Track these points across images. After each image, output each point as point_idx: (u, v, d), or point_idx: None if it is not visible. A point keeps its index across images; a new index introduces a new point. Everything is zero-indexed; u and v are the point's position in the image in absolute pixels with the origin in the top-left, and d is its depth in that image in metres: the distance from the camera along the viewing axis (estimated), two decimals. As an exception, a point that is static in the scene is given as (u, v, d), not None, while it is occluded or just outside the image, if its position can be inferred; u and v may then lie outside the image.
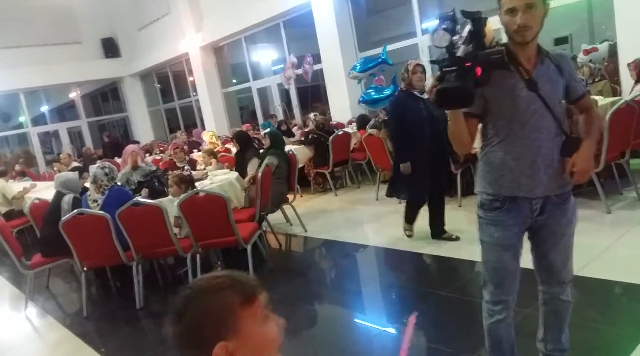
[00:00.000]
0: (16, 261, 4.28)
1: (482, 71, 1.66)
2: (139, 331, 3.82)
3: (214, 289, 0.96)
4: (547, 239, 1.97)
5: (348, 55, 9.13)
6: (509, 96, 1.84)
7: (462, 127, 1.86)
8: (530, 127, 1.84)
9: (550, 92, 1.83)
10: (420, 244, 4.27)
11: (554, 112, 1.84)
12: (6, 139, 16.37)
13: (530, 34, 1.76)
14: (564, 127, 1.88)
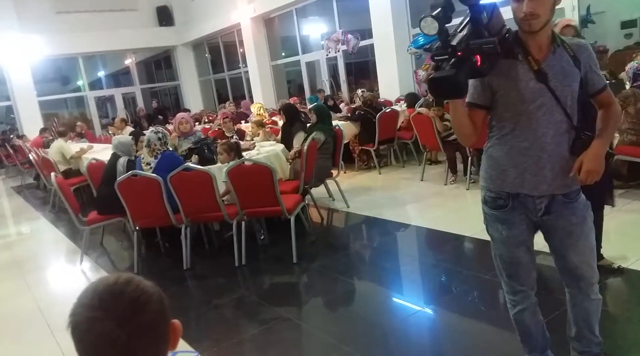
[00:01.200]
0: (74, 217, 4.55)
1: (482, 61, 1.61)
2: (185, 291, 4.00)
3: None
4: (563, 240, 1.88)
5: (400, 30, 8.94)
6: (516, 87, 1.75)
7: (461, 117, 1.81)
8: (537, 121, 1.75)
9: (562, 85, 1.74)
10: (464, 227, 4.22)
11: (565, 106, 1.74)
12: (65, 101, 17.14)
13: (537, 23, 1.68)
14: (576, 122, 1.77)
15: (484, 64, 1.63)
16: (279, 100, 11.16)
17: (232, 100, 13.15)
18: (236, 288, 3.88)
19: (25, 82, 13.28)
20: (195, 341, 2.95)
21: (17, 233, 6.55)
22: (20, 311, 3.85)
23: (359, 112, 7.06)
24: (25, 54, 13.11)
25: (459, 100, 1.77)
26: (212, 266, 4.34)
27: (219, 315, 3.44)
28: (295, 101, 9.43)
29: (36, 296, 4.12)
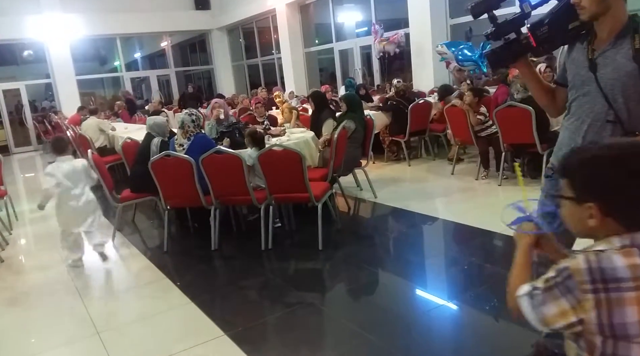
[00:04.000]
0: (108, 193, 4.68)
1: (537, 44, 1.84)
2: (212, 270, 4.09)
3: None
4: None
5: (438, 21, 8.79)
6: (573, 72, 1.89)
7: (534, 90, 2.04)
8: (582, 108, 1.86)
9: (611, 77, 1.76)
10: (493, 223, 4.16)
11: (608, 98, 1.77)
12: (102, 81, 17.55)
13: (585, 13, 1.74)
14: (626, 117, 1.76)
15: (538, 46, 1.85)
16: (311, 87, 11.15)
17: (264, 86, 13.22)
18: (262, 270, 3.94)
19: (64, 61, 13.65)
20: (219, 321, 3.02)
21: (53, 207, 6.76)
22: (54, 281, 4.01)
23: (391, 103, 6.99)
24: (66, 33, 13.46)
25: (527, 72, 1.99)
26: (239, 248, 4.41)
27: (244, 296, 3.50)
28: (327, 88, 9.40)
29: (69, 268, 4.27)
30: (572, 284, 1.00)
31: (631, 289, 0.96)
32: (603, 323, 0.99)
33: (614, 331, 0.99)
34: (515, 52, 1.90)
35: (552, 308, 1.03)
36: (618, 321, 0.98)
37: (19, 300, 3.78)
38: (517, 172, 1.39)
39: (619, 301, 0.97)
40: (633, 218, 1.02)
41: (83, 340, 3.01)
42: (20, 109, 14.27)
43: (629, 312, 0.97)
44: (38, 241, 5.33)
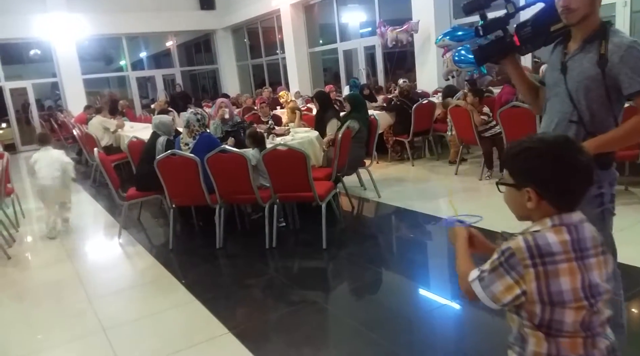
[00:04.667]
0: (114, 191, 4.73)
1: (521, 43, 1.94)
2: (216, 269, 4.12)
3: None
4: None
5: (442, 20, 8.79)
6: (549, 73, 1.99)
7: (519, 85, 2.14)
8: (552, 108, 1.95)
9: (576, 81, 1.84)
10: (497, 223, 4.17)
11: (574, 100, 1.85)
12: (107, 80, 17.61)
13: (574, 16, 1.78)
14: (588, 118, 1.83)
15: (522, 45, 1.95)
16: (315, 87, 11.17)
17: (268, 85, 13.25)
18: (266, 269, 3.96)
19: (71, 60, 13.72)
20: (224, 318, 3.05)
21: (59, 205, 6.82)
22: (60, 278, 4.06)
23: (395, 103, 7.01)
24: (72, 33, 13.53)
25: (513, 69, 2.07)
26: (244, 247, 4.44)
27: (248, 294, 3.54)
28: (331, 88, 9.43)
29: (75, 265, 4.32)
30: (514, 262, 1.14)
31: (564, 261, 1.12)
32: (542, 292, 1.13)
33: (552, 298, 1.13)
34: (500, 50, 2.01)
35: (499, 286, 1.16)
36: (554, 289, 1.12)
37: (26, 297, 3.83)
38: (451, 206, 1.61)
39: (554, 272, 1.12)
40: (562, 200, 1.17)
41: (89, 337, 3.04)
42: (27, 107, 14.35)
43: (563, 281, 1.12)
44: (44, 239, 5.37)
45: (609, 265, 1.20)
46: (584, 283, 1.13)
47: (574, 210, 1.20)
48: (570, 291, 1.12)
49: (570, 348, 1.15)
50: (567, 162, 1.15)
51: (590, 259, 1.16)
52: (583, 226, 1.18)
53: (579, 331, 1.15)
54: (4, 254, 4.61)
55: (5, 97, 13.68)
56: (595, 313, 1.16)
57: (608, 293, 1.18)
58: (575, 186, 1.18)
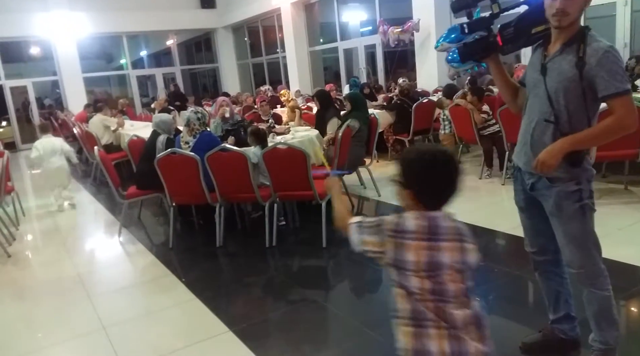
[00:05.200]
0: (114, 190, 4.73)
1: (503, 43, 2.01)
2: (217, 267, 4.12)
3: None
4: (550, 219, 2.08)
5: (442, 19, 8.79)
6: (529, 74, 2.06)
7: (499, 84, 2.20)
8: (532, 107, 2.01)
9: (555, 82, 1.90)
10: (497, 222, 4.18)
11: (552, 101, 1.92)
12: (108, 79, 17.62)
13: (566, 20, 1.84)
14: (565, 118, 1.91)
15: (505, 46, 2.03)
16: (315, 86, 11.16)
17: (269, 84, 13.25)
18: (266, 268, 3.97)
19: (71, 58, 13.73)
20: (224, 317, 3.06)
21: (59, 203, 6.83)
22: (60, 276, 4.06)
23: (395, 101, 7.00)
24: (73, 31, 13.53)
25: (495, 68, 2.13)
26: (244, 246, 4.45)
27: (249, 293, 3.54)
28: (332, 87, 9.43)
29: (76, 263, 4.33)
30: (383, 229, 1.44)
31: (412, 239, 1.41)
32: (393, 258, 1.42)
33: (398, 264, 1.42)
34: (483, 48, 2.09)
35: (369, 237, 1.47)
36: (400, 257, 1.41)
37: (26, 295, 3.84)
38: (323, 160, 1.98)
39: (402, 245, 1.41)
40: (431, 203, 1.45)
41: (89, 335, 3.04)
42: (27, 106, 14.36)
43: (408, 253, 1.41)
44: (44, 237, 5.38)
45: (466, 253, 1.45)
46: (427, 259, 1.40)
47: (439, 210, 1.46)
48: (411, 262, 1.40)
49: (425, 307, 1.40)
50: (436, 175, 1.42)
51: (441, 243, 1.41)
52: (440, 219, 1.44)
53: (428, 296, 1.40)
54: (4, 253, 4.61)
55: (5, 96, 13.68)
56: (441, 283, 1.40)
57: (452, 269, 1.41)
58: (438, 191, 1.44)
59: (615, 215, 4.01)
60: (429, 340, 1.38)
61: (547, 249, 2.18)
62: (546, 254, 2.21)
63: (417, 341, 1.39)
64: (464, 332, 1.39)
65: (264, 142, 4.33)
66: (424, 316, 1.39)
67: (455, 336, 1.38)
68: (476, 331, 1.41)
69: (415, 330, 1.40)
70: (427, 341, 1.38)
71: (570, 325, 2.30)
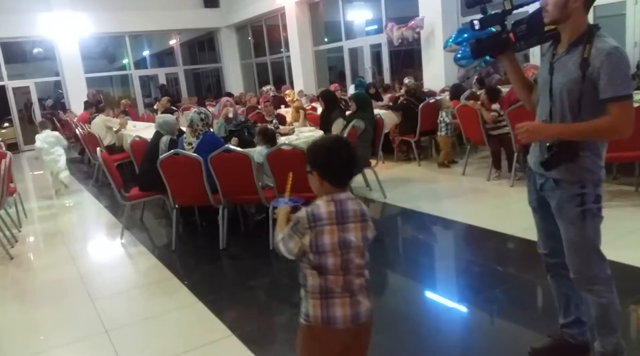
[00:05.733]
0: (117, 191, 4.67)
1: (515, 39, 2.01)
2: (220, 270, 4.06)
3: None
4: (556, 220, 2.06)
5: (449, 18, 8.72)
6: (540, 73, 2.05)
7: (514, 82, 2.17)
8: (541, 105, 2.01)
9: (560, 83, 1.89)
10: (505, 224, 4.10)
11: (553, 101, 1.92)
12: (110, 79, 17.60)
13: (547, 17, 1.87)
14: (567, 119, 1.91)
15: (517, 42, 2.01)
16: (320, 86, 11.10)
17: (272, 84, 13.19)
18: (269, 270, 3.90)
19: (73, 59, 13.71)
20: (227, 320, 3.00)
21: (61, 205, 6.79)
22: (62, 279, 4.01)
23: (402, 102, 6.92)
24: (75, 31, 13.51)
25: (509, 65, 2.10)
26: (247, 248, 4.38)
27: (252, 296, 3.47)
28: (337, 87, 9.35)
29: (78, 265, 4.27)
30: (299, 226, 1.64)
31: (327, 225, 1.64)
32: (313, 244, 1.64)
33: (318, 249, 1.64)
34: (496, 45, 2.07)
35: (291, 242, 1.66)
36: (320, 242, 1.64)
37: (28, 297, 3.79)
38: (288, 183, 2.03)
39: (321, 231, 1.64)
40: (334, 181, 1.67)
41: (91, 338, 2.99)
42: (30, 106, 14.34)
43: (325, 237, 1.64)
44: (47, 239, 5.33)
45: (367, 230, 1.70)
46: (339, 239, 1.65)
47: (344, 190, 1.69)
48: (329, 244, 1.64)
49: (334, 282, 1.66)
50: (335, 155, 1.67)
51: (348, 225, 1.67)
52: (347, 202, 1.68)
53: (339, 271, 1.66)
54: (6, 254, 4.56)
55: (8, 96, 13.67)
56: (348, 259, 1.67)
57: (358, 247, 1.68)
58: (341, 171, 1.68)
59: (625, 218, 3.93)
60: (335, 307, 1.67)
61: (559, 251, 2.12)
62: (557, 257, 2.15)
63: (325, 309, 1.67)
64: (360, 296, 1.69)
65: (272, 141, 4.27)
66: (332, 290, 1.66)
67: (355, 301, 1.68)
68: (366, 292, 1.72)
69: (323, 301, 1.67)
70: (333, 309, 1.67)
71: (580, 330, 2.24)
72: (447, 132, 6.30)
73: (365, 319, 1.70)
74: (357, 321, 1.68)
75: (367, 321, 1.71)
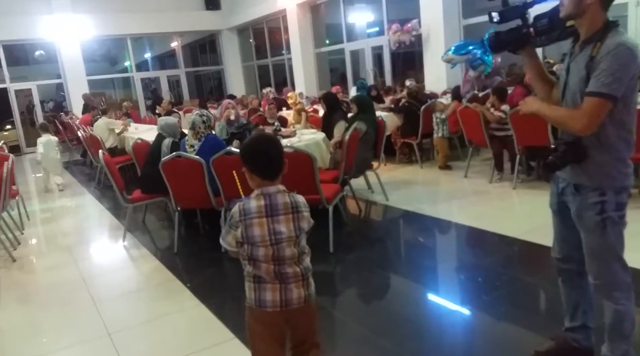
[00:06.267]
0: (119, 194, 4.66)
1: (536, 34, 1.93)
2: (222, 272, 4.06)
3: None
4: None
5: (451, 20, 8.72)
6: (562, 72, 1.99)
7: (534, 78, 2.10)
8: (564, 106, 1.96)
9: (573, 83, 1.87)
10: (508, 227, 4.09)
11: (566, 101, 1.91)
12: (112, 81, 17.63)
13: (562, 10, 1.83)
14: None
15: (538, 37, 1.94)
16: (321, 88, 11.09)
17: (274, 87, 13.19)
18: (272, 273, 3.89)
19: (75, 61, 13.73)
20: (230, 323, 2.99)
21: (64, 207, 6.80)
22: (65, 281, 4.01)
23: (403, 104, 6.93)
24: (77, 34, 13.53)
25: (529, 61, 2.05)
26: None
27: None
28: (338, 89, 9.36)
29: (80, 268, 4.27)
30: (233, 220, 1.81)
31: (255, 218, 1.79)
32: (244, 236, 1.79)
33: (249, 240, 1.79)
34: (516, 39, 1.99)
35: (229, 236, 1.83)
36: (250, 234, 1.79)
37: (31, 299, 3.79)
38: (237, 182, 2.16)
39: (250, 224, 1.79)
40: (261, 173, 1.82)
41: (94, 341, 2.99)
42: (32, 109, 14.35)
43: (255, 229, 1.78)
44: (49, 241, 5.34)
45: (300, 221, 1.83)
46: (269, 231, 1.78)
47: (274, 183, 1.83)
48: (259, 236, 1.78)
49: (265, 271, 1.82)
50: (257, 150, 1.85)
51: (279, 217, 1.80)
52: (276, 195, 1.82)
53: (270, 261, 1.81)
54: (8, 257, 4.56)
55: (10, 99, 13.69)
56: (280, 249, 1.80)
57: (290, 238, 1.81)
58: (264, 164, 1.83)
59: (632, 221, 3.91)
60: (266, 292, 1.83)
61: (572, 257, 2.10)
62: (570, 263, 2.13)
63: (257, 293, 1.84)
64: (293, 284, 1.84)
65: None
66: (264, 277, 1.82)
67: (285, 288, 1.83)
68: (302, 281, 1.86)
69: (256, 285, 1.85)
70: (264, 293, 1.83)
71: (584, 335, 2.23)
72: (443, 133, 6.30)
73: (297, 305, 1.85)
74: (287, 306, 1.84)
75: (300, 306, 1.85)
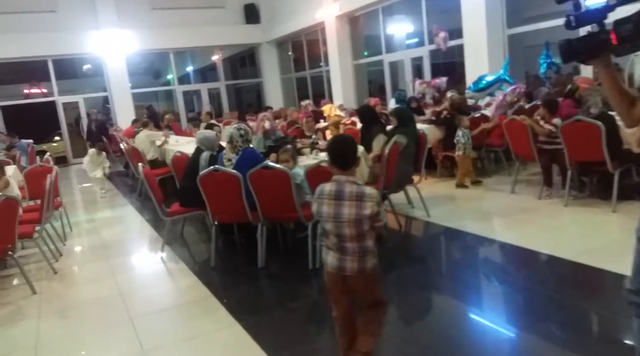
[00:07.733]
0: (158, 207, 4.68)
1: (618, 41, 1.67)
2: (258, 289, 3.97)
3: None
4: None
5: (494, 30, 8.45)
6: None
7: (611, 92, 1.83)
8: None
9: None
10: (559, 247, 3.83)
11: None
12: (155, 94, 18.11)
13: None
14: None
15: (619, 45, 1.68)
16: (359, 100, 10.97)
17: (311, 99, 13.17)
18: (310, 291, 3.78)
19: (120, 74, 14.18)
20: (266, 345, 2.89)
21: (106, 218, 6.93)
22: (103, 295, 4.02)
23: (445, 116, 6.71)
24: (122, 48, 13.99)
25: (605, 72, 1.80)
26: (286, 267, 4.28)
27: (291, 318, 3.35)
28: (377, 101, 9.21)
29: (118, 281, 4.28)
30: (314, 197, 2.33)
31: (325, 199, 2.25)
32: (317, 211, 2.28)
33: (319, 215, 2.29)
34: (592, 47, 1.74)
35: (313, 206, 2.33)
36: (319, 210, 2.27)
37: (71, 312, 3.80)
38: None
39: (321, 203, 2.26)
40: (336, 165, 2.27)
41: (128, 360, 2.95)
42: (79, 121, 14.89)
43: (324, 208, 2.24)
44: (91, 253, 5.41)
45: (362, 209, 2.16)
46: (334, 212, 2.21)
47: (346, 174, 2.24)
48: (325, 213, 2.23)
49: (331, 242, 2.28)
50: (333, 147, 2.36)
51: (344, 202, 2.19)
52: (345, 184, 2.21)
53: (334, 235, 2.25)
54: (50, 268, 4.63)
55: (58, 111, 14.25)
56: (342, 227, 2.21)
57: (350, 220, 2.18)
58: (337, 158, 2.28)
59: None
60: (328, 257, 2.31)
61: None
62: None
63: (325, 256, 2.34)
64: (349, 257, 2.24)
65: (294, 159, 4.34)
66: (330, 246, 2.30)
67: (343, 258, 2.26)
68: (359, 257, 2.24)
69: (325, 250, 2.34)
70: (327, 257, 2.32)
71: None
72: (465, 151, 6.04)
73: (350, 273, 2.26)
74: (342, 272, 2.27)
75: (352, 274, 2.25)
